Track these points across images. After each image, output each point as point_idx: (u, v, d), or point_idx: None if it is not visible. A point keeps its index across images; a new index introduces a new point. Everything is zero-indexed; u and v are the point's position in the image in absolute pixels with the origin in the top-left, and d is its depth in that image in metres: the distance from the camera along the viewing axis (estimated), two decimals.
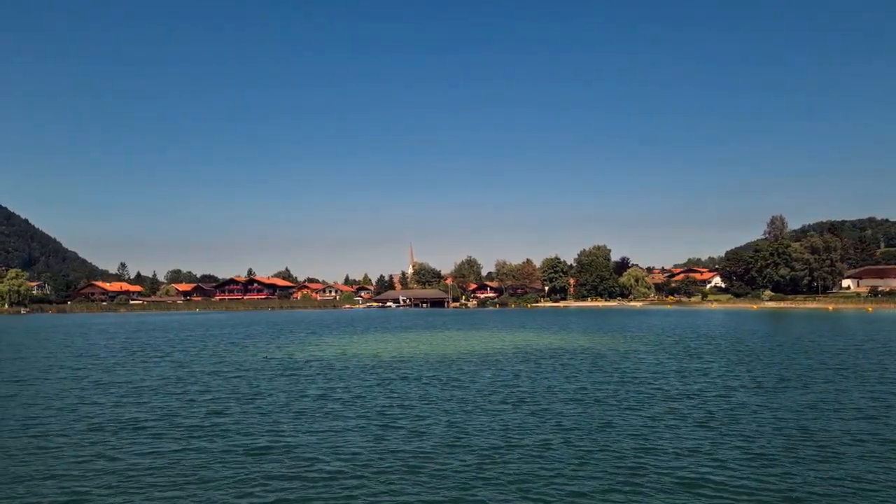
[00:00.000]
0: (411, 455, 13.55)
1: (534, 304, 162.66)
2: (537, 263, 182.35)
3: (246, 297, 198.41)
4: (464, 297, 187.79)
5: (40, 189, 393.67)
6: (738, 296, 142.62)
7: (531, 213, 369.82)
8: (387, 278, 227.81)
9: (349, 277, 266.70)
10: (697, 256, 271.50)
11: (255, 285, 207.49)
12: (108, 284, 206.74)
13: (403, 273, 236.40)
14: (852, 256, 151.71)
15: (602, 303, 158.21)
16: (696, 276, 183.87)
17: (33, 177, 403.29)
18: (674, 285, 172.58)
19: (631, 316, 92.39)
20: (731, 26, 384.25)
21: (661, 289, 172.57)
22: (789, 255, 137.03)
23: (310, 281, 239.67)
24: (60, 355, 38.26)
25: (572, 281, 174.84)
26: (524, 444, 14.38)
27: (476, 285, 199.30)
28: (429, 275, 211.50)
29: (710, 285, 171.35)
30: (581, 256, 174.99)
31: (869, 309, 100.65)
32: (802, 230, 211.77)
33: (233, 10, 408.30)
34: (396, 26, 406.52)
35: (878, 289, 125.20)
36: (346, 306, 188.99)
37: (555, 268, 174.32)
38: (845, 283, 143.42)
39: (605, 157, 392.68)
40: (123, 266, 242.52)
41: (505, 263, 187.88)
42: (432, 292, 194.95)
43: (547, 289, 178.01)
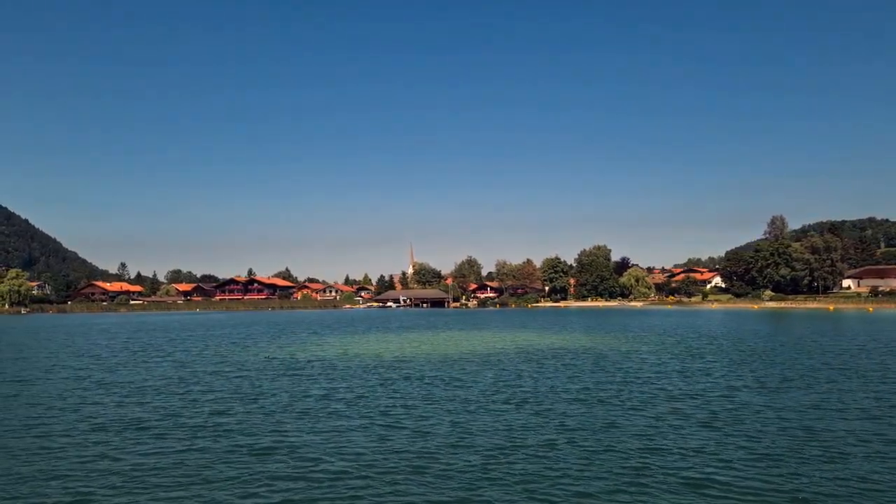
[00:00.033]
0: (416, 455, 13.53)
1: (534, 305, 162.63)
2: (537, 263, 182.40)
3: (246, 298, 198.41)
4: (464, 297, 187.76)
5: (40, 189, 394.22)
6: (738, 296, 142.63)
7: (531, 213, 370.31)
8: (387, 278, 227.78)
9: (349, 277, 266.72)
10: (697, 256, 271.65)
11: (255, 285, 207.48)
12: (108, 284, 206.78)
13: (404, 273, 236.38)
14: (853, 256, 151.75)
15: (602, 303, 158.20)
16: (697, 276, 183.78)
17: (33, 177, 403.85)
18: (674, 285, 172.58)
19: (631, 316, 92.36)
20: (731, 26, 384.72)
21: (661, 289, 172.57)
22: (790, 255, 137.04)
23: (310, 281, 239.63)
24: (62, 355, 38.24)
25: (572, 281, 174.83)
26: (529, 444, 14.35)
27: (476, 285, 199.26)
28: (429, 275, 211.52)
29: (710, 285, 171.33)
30: (581, 256, 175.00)
31: (870, 309, 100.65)
32: (803, 230, 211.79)
33: (233, 10, 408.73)
34: (396, 26, 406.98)
35: (879, 289, 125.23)
36: (346, 306, 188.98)
37: (555, 268, 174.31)
38: (846, 283, 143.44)
39: (605, 157, 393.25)
40: (123, 266, 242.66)
41: (505, 263, 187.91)
42: (433, 292, 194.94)
43: (547, 289, 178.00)
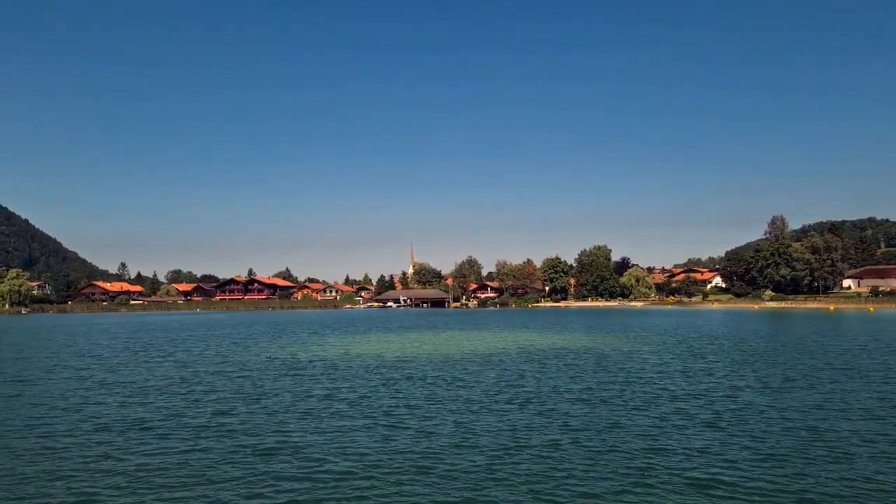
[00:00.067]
0: (420, 455, 13.51)
1: (534, 304, 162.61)
2: (538, 263, 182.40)
3: (246, 297, 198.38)
4: (464, 297, 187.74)
5: (40, 189, 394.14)
6: (738, 296, 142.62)
7: (531, 213, 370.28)
8: (387, 278, 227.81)
9: (349, 277, 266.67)
10: (697, 256, 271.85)
11: (255, 285, 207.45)
12: (108, 284, 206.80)
13: (404, 273, 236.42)
14: (853, 256, 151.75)
15: (603, 303, 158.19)
16: (697, 276, 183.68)
17: (33, 177, 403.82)
18: (674, 285, 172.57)
19: (632, 316, 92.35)
20: (731, 26, 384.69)
21: (661, 289, 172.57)
22: (790, 255, 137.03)
23: (310, 281, 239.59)
24: (63, 355, 38.22)
25: (573, 281, 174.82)
26: (533, 444, 14.34)
27: (476, 285, 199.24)
28: (429, 275, 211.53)
29: (710, 285, 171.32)
30: (581, 256, 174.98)
31: (870, 309, 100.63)
32: (803, 230, 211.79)
33: (233, 10, 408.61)
34: (396, 26, 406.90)
35: (879, 289, 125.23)
36: (346, 306, 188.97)
37: (555, 268, 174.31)
38: (846, 283, 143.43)
39: (605, 157, 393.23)
40: (124, 266, 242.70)
41: (505, 263, 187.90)
42: (433, 292, 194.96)
43: (547, 289, 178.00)
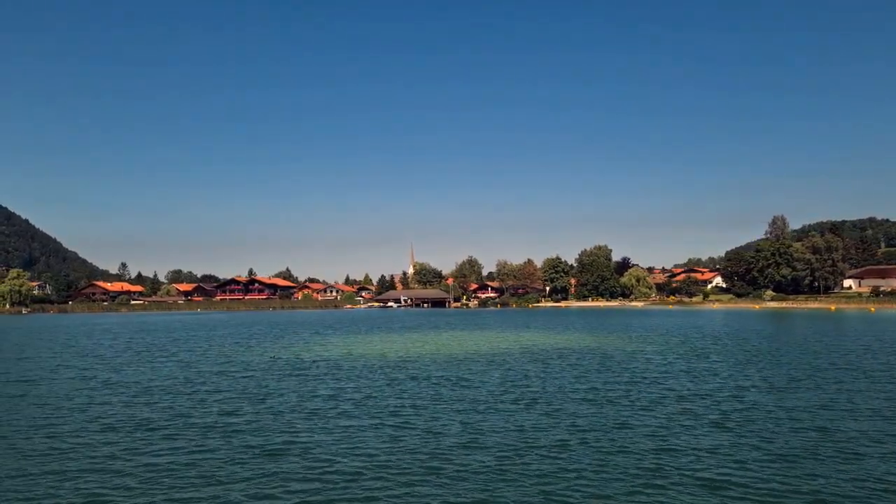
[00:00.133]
0: (429, 456, 13.47)
1: (535, 305, 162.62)
2: (538, 263, 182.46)
3: (247, 298, 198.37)
4: (465, 297, 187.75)
5: (40, 189, 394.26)
6: (739, 296, 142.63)
7: (531, 213, 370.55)
8: (388, 278, 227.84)
9: (350, 277, 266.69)
10: (698, 256, 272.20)
11: (256, 285, 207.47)
12: (109, 284, 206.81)
13: (404, 273, 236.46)
14: (853, 256, 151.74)
15: (603, 303, 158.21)
16: (697, 276, 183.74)
17: (33, 177, 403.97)
18: (675, 285, 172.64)
19: (633, 316, 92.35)
20: (731, 26, 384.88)
21: (662, 289, 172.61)
22: (791, 255, 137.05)
23: (310, 281, 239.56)
24: (66, 355, 38.20)
25: (573, 281, 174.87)
26: (541, 444, 14.30)
27: (477, 285, 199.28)
28: (430, 275, 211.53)
29: (711, 285, 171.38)
30: (582, 256, 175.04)
31: (871, 309, 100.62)
32: (803, 230, 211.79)
33: (233, 10, 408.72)
34: (396, 26, 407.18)
35: (880, 289, 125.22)
36: (347, 306, 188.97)
37: (556, 268, 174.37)
38: (847, 283, 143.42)
39: (605, 157, 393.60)
40: (124, 266, 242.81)
41: (506, 263, 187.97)
42: (433, 292, 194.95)
43: (548, 289, 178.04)
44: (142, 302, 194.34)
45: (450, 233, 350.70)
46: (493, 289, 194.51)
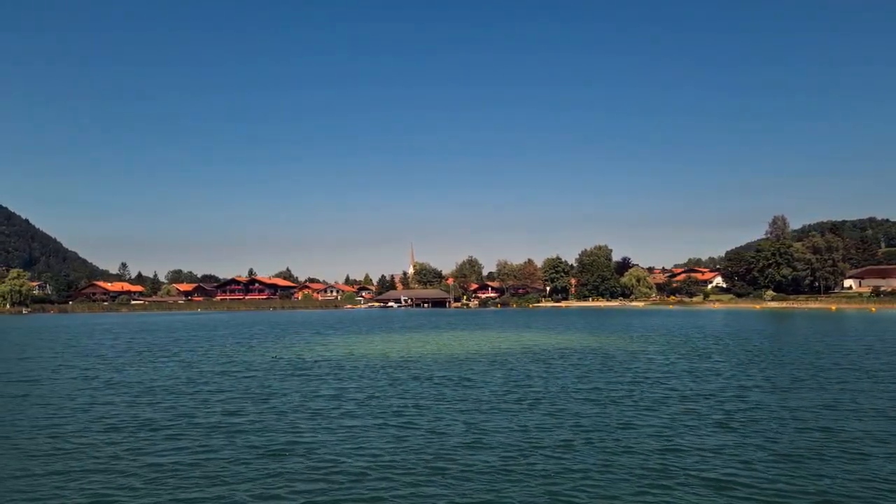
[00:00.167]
0: (434, 456, 13.45)
1: (535, 305, 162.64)
2: (538, 263, 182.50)
3: (247, 298, 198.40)
4: (465, 297, 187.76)
5: (40, 189, 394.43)
6: (739, 296, 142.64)
7: (531, 213, 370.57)
8: (388, 278, 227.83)
9: (350, 277, 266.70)
10: (698, 256, 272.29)
11: (256, 285, 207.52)
12: (109, 284, 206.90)
13: (404, 273, 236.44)
14: (854, 256, 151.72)
15: (604, 303, 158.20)
16: (698, 276, 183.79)
17: (33, 177, 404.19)
18: (675, 285, 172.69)
19: (634, 316, 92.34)
20: (731, 26, 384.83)
21: (662, 289, 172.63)
22: (791, 255, 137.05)
23: (311, 281, 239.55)
24: (67, 355, 38.18)
25: (573, 281, 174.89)
26: (546, 444, 14.28)
27: (477, 285, 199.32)
28: (430, 275, 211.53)
29: (711, 285, 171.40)
30: (582, 256, 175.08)
31: (872, 309, 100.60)
32: (803, 230, 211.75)
33: (233, 10, 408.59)
34: (396, 27, 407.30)
35: (881, 289, 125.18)
36: (347, 306, 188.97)
37: (556, 268, 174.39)
38: (847, 283, 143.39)
39: (605, 157, 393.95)
40: (124, 266, 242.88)
41: (506, 263, 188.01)
42: (434, 292, 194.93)
43: (548, 289, 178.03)
44: (142, 302, 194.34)
45: (450, 233, 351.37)
46: (493, 289, 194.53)
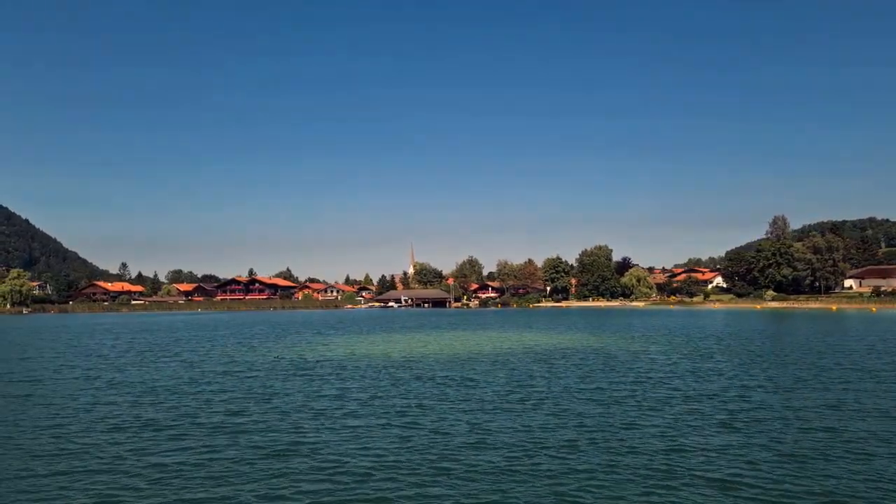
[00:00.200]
0: (439, 456, 13.43)
1: (535, 304, 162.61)
2: (539, 263, 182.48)
3: (248, 297, 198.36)
4: (465, 298, 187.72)
5: (40, 189, 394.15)
6: (740, 296, 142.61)
7: (531, 213, 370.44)
8: (388, 278, 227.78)
9: (350, 277, 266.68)
10: (698, 256, 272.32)
11: (256, 285, 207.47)
12: (109, 284, 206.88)
13: (405, 273, 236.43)
14: (854, 256, 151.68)
15: (604, 303, 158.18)
16: (698, 276, 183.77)
17: (33, 177, 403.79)
18: (675, 285, 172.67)
19: (634, 316, 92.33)
20: (731, 26, 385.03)
21: (662, 289, 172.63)
22: (791, 255, 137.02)
23: (311, 281, 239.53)
24: (69, 355, 38.17)
25: (574, 281, 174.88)
26: (550, 444, 14.26)
27: (477, 285, 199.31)
28: (430, 275, 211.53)
29: (711, 285, 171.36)
30: (582, 256, 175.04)
31: (873, 309, 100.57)
32: (803, 230, 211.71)
33: (233, 10, 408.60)
34: (396, 26, 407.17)
35: (881, 289, 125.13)
36: (348, 306, 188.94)
37: (556, 268, 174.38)
38: (847, 283, 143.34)
39: (605, 157, 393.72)
40: (124, 266, 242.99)
41: (506, 263, 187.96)
42: (434, 292, 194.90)
43: (549, 289, 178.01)
44: (142, 302, 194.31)
45: (450, 233, 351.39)
46: (493, 289, 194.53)
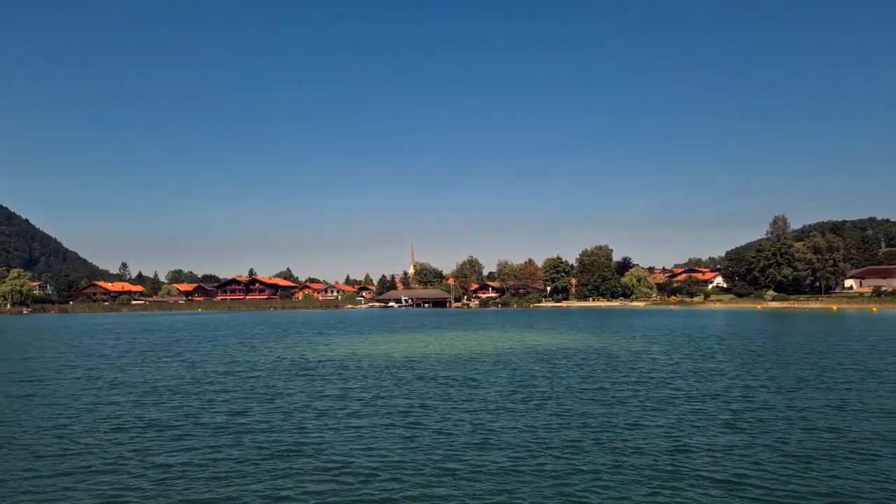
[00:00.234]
0: (443, 456, 13.42)
1: (536, 305, 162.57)
2: (539, 263, 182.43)
3: (248, 297, 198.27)
4: (466, 297, 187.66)
5: (40, 189, 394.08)
6: (740, 296, 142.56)
7: (531, 213, 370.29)
8: (388, 278, 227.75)
9: (350, 277, 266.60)
10: (698, 256, 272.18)
11: (256, 285, 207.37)
12: (109, 284, 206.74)
13: (405, 273, 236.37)
14: (855, 256, 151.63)
15: (604, 303, 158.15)
16: (698, 276, 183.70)
17: (33, 177, 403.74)
18: (676, 285, 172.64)
19: (635, 316, 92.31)
20: (731, 26, 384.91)
21: (662, 289, 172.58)
22: (792, 255, 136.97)
23: (311, 281, 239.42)
24: (70, 355, 38.15)
25: (574, 281, 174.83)
26: (555, 444, 14.25)
27: (478, 285, 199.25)
28: (430, 275, 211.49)
29: (712, 285, 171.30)
30: (583, 256, 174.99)
31: (873, 309, 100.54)
32: (803, 230, 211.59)
33: (233, 10, 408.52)
34: (396, 27, 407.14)
35: (882, 289, 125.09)
36: (348, 306, 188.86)
37: (557, 268, 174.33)
38: (848, 283, 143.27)
39: (605, 157, 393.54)
40: (125, 266, 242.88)
41: (507, 263, 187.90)
42: (434, 292, 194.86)
43: (549, 289, 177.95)
44: (143, 302, 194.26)
45: (450, 233, 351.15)
46: (493, 289, 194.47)
